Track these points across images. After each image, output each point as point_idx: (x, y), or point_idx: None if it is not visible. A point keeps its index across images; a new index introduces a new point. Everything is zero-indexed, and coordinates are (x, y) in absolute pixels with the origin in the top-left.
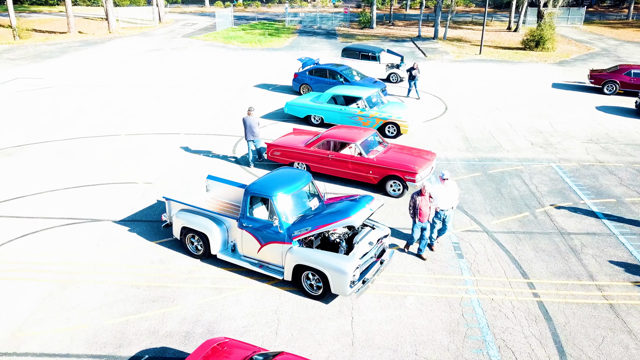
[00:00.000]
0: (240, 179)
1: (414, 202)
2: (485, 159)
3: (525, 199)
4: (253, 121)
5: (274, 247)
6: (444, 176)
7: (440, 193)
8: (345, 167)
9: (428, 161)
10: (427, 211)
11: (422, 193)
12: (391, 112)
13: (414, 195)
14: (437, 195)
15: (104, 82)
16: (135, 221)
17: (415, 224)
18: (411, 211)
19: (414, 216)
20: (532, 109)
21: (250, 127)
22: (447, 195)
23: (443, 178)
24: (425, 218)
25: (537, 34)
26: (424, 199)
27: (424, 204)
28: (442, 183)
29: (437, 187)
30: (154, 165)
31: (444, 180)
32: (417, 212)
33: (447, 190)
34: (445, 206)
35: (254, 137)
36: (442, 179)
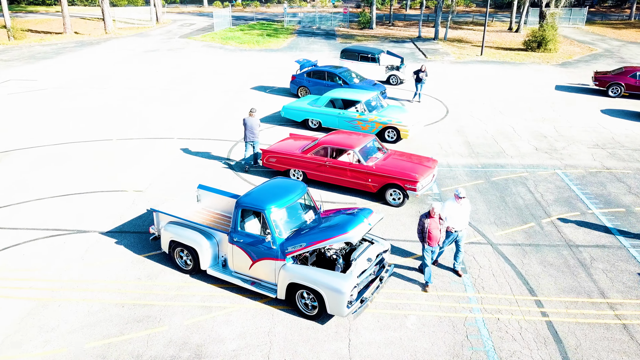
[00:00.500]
0: (234, 186)
1: (423, 225)
2: (488, 166)
3: (530, 209)
4: (254, 122)
5: (267, 263)
6: (459, 194)
7: (455, 212)
8: (344, 175)
9: (429, 169)
10: (438, 235)
11: (431, 215)
12: (391, 116)
13: (422, 217)
14: (451, 215)
15: (98, 85)
16: (123, 232)
17: (425, 248)
18: (419, 234)
19: (422, 240)
20: (535, 113)
21: (251, 128)
22: (462, 214)
23: (459, 196)
24: (435, 242)
25: (539, 35)
26: (433, 221)
27: (434, 227)
28: (457, 202)
29: (452, 206)
30: (145, 171)
31: (460, 199)
32: (426, 235)
33: (462, 209)
34: (460, 226)
35: (254, 138)
36: (458, 197)
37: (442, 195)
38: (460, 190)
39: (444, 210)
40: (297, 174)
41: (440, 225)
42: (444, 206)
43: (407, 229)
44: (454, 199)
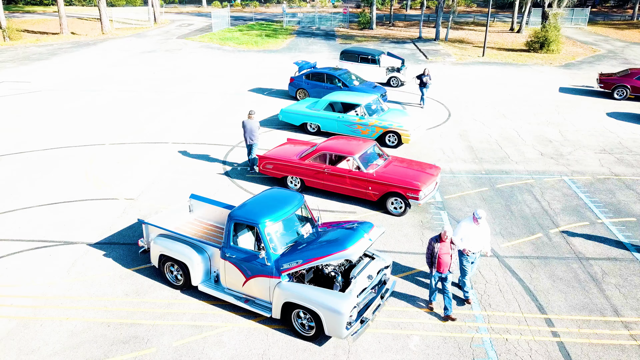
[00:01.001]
0: (229, 193)
1: (432, 249)
2: (493, 172)
3: (537, 218)
4: (254, 125)
5: (261, 281)
6: (478, 216)
7: (472, 234)
8: (343, 183)
9: (432, 177)
10: (448, 260)
11: (441, 239)
12: (392, 120)
13: (432, 241)
14: (468, 237)
15: (93, 86)
16: (112, 244)
17: (433, 275)
18: (428, 259)
19: (431, 266)
20: (539, 116)
21: (251, 131)
22: (480, 237)
23: (477, 218)
24: (445, 268)
25: (542, 36)
26: (444, 245)
27: (444, 252)
28: (475, 223)
29: (469, 227)
30: (137, 178)
31: (478, 221)
32: (435, 261)
33: (480, 231)
34: (477, 249)
35: (254, 141)
36: (476, 219)
37: (445, 203)
38: (480, 212)
39: (459, 231)
40: (295, 181)
41: (452, 250)
42: (459, 227)
43: (410, 240)
44: (470, 220)
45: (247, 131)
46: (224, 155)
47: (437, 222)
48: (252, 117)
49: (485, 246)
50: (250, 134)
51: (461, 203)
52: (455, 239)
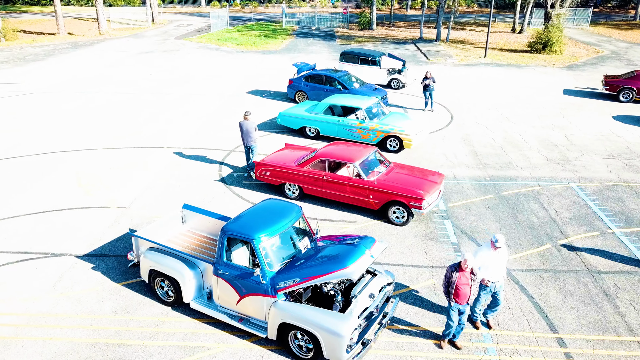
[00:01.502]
0: (225, 201)
1: (449, 279)
2: (498, 178)
3: (545, 228)
4: (250, 126)
5: (256, 299)
6: (497, 242)
7: (491, 262)
8: (343, 190)
9: (435, 184)
10: (467, 291)
11: (461, 268)
12: (393, 124)
13: (449, 270)
14: (486, 265)
15: (88, 88)
16: (101, 256)
17: (451, 306)
18: (445, 289)
19: (448, 296)
20: (544, 119)
21: (247, 132)
22: (499, 264)
23: (496, 245)
24: (464, 299)
25: (544, 37)
26: (463, 275)
27: (463, 282)
28: (493, 250)
29: (488, 255)
30: (130, 184)
31: (497, 247)
32: (453, 292)
33: (499, 258)
34: (496, 277)
35: (252, 142)
36: (495, 245)
37: (449, 212)
38: (498, 237)
39: (477, 258)
40: (293, 189)
41: (472, 281)
42: (477, 254)
43: (413, 251)
44: (489, 246)
45: (243, 132)
46: (220, 160)
47: (441, 232)
48: (247, 117)
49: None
50: (247, 136)
51: (466, 211)
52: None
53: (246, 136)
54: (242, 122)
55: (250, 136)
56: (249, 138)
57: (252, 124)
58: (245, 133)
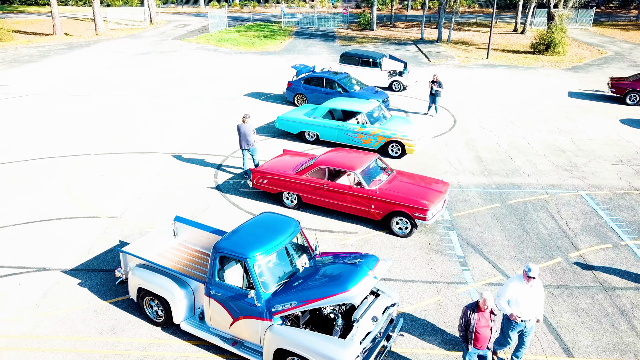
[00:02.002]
0: (220, 210)
1: (468, 321)
2: (504, 186)
3: (555, 239)
4: (248, 129)
5: (250, 322)
6: (530, 273)
7: (522, 296)
8: (343, 200)
9: (440, 194)
10: (488, 334)
11: (479, 308)
12: (395, 129)
13: (467, 310)
14: (517, 299)
15: (82, 90)
16: (89, 271)
17: (470, 352)
18: (462, 332)
19: (466, 340)
20: (549, 123)
21: (245, 135)
22: (532, 299)
23: (528, 275)
24: (485, 344)
25: (547, 37)
26: (482, 316)
27: (483, 325)
28: (526, 282)
29: (519, 288)
30: (122, 193)
31: (530, 279)
32: (472, 335)
33: (532, 291)
34: (528, 315)
35: (249, 145)
36: (528, 276)
37: (454, 222)
38: (532, 267)
39: (506, 292)
40: (291, 197)
41: (492, 322)
42: (506, 287)
43: (417, 265)
44: (520, 278)
45: (241, 135)
46: (216, 167)
47: (446, 244)
48: (246, 120)
49: (538, 312)
50: (244, 139)
51: (471, 222)
52: (501, 301)
53: (244, 139)
54: (241, 125)
55: (248, 140)
56: (247, 142)
57: (250, 127)
58: (243, 136)
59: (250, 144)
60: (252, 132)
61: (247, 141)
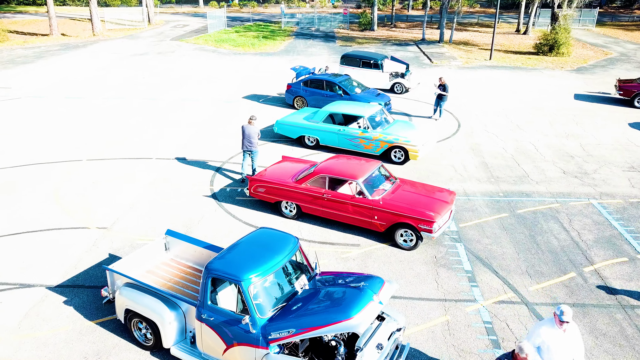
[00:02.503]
0: (215, 221)
1: None
2: (512, 194)
3: (568, 252)
4: (252, 131)
5: (245, 350)
6: (562, 316)
7: (555, 343)
8: (345, 210)
9: (447, 205)
10: None
11: (515, 358)
12: (398, 134)
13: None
14: (549, 346)
15: (76, 93)
16: (75, 287)
17: None
18: None
19: None
20: (557, 127)
21: (249, 137)
22: (567, 347)
23: (562, 319)
24: None
25: (551, 38)
26: None
27: None
28: (559, 326)
29: (551, 334)
30: (114, 202)
31: (563, 324)
32: None
33: (567, 338)
34: None
35: (252, 147)
36: (560, 320)
37: (461, 233)
38: (564, 309)
39: (535, 337)
40: (290, 207)
41: None
42: (536, 332)
43: (422, 281)
44: (552, 322)
45: (245, 137)
46: (212, 174)
47: (453, 258)
48: (252, 122)
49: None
50: (247, 140)
51: (479, 233)
52: (528, 348)
53: (247, 141)
54: (245, 126)
55: (252, 141)
56: (250, 143)
57: (255, 130)
58: (247, 138)
59: (252, 146)
60: (256, 134)
61: (250, 143)
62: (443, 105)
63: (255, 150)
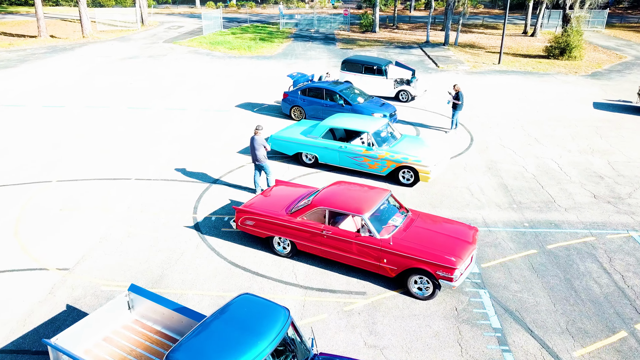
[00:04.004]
0: (196, 260)
1: None
2: (538, 224)
3: (613, 302)
4: (257, 142)
5: None
6: None
7: None
8: (348, 250)
9: (469, 246)
10: None
11: None
12: (407, 152)
13: None
14: None
15: (56, 101)
16: (20, 353)
17: None
18: None
19: None
20: (579, 141)
21: (254, 149)
22: None
23: None
24: None
25: (563, 41)
26: None
27: None
28: None
29: None
30: (81, 234)
31: None
32: None
33: None
34: None
35: (259, 161)
36: None
37: (484, 276)
38: None
39: None
40: (284, 244)
41: None
42: None
43: (442, 343)
44: None
45: (251, 149)
46: (196, 198)
47: (477, 310)
48: (258, 133)
49: None
50: (253, 153)
51: (505, 276)
52: None
53: (252, 153)
54: (252, 138)
55: (256, 154)
56: (255, 156)
57: (260, 141)
58: (252, 150)
59: (258, 159)
60: (260, 145)
61: (255, 156)
62: (457, 115)
63: (262, 164)
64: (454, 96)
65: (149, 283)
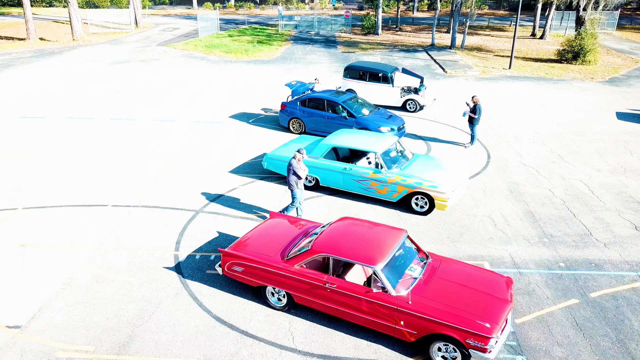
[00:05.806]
0: (173, 315)
1: None
2: (575, 264)
3: None
4: (294, 166)
5: None
6: None
7: None
8: (356, 308)
9: (506, 305)
10: None
11: None
12: (421, 176)
13: None
14: None
15: (35, 111)
16: None
17: None
18: None
19: None
20: (608, 158)
21: (288, 172)
22: None
23: None
24: None
25: (577, 44)
26: None
27: None
28: None
29: None
30: (40, 281)
31: None
32: None
33: None
34: None
35: (291, 187)
36: None
37: (520, 335)
38: None
39: None
40: (279, 295)
41: None
42: None
43: None
44: None
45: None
46: (179, 230)
47: None
48: (296, 155)
49: None
50: (288, 176)
51: (545, 335)
52: None
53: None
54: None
55: (288, 178)
56: (288, 180)
57: (294, 164)
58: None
59: (290, 185)
60: (290, 171)
61: (287, 180)
62: (475, 129)
63: (294, 191)
64: (471, 109)
65: (115, 347)
